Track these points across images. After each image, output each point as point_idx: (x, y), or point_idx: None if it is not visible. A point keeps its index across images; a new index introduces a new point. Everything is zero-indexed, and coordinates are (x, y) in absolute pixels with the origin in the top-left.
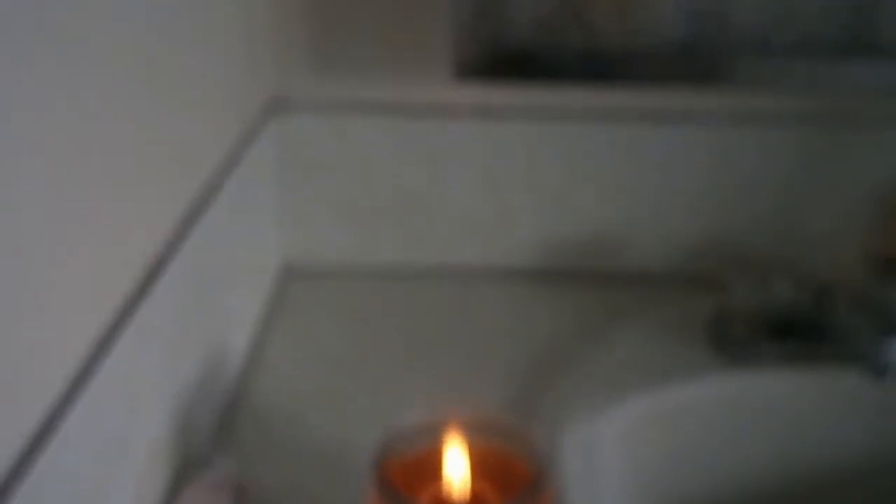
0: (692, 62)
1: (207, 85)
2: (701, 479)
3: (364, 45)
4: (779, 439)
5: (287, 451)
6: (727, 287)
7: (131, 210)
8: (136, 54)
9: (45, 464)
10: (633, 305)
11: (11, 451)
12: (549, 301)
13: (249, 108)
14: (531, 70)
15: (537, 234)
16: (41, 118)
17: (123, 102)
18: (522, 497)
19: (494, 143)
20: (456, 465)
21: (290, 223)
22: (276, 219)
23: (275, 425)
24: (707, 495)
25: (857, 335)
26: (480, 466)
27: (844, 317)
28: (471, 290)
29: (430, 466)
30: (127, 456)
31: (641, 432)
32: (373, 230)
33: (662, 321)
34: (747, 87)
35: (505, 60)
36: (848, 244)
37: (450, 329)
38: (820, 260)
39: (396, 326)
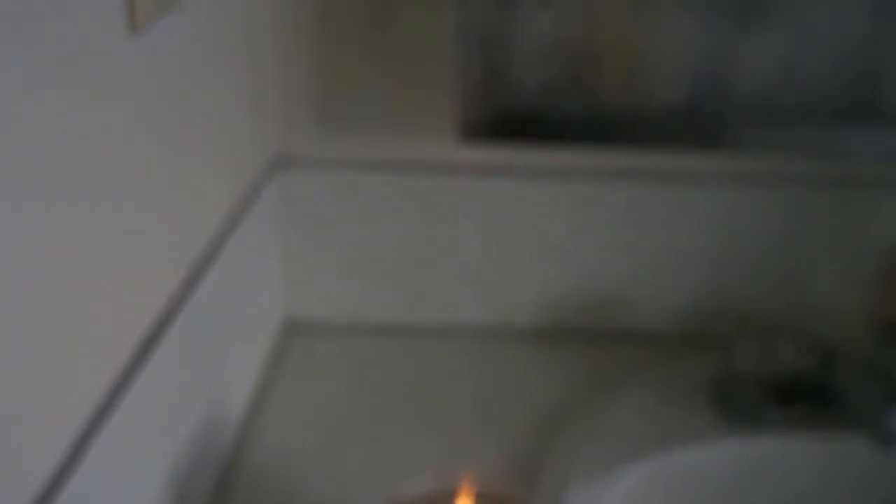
0: (695, 127)
1: (212, 142)
2: None
3: (370, 104)
4: None
5: None
6: (732, 349)
7: (134, 271)
8: (142, 112)
9: None
10: (637, 365)
11: None
12: (553, 360)
13: (254, 165)
14: (536, 132)
15: (541, 293)
16: (44, 176)
17: (127, 161)
18: None
19: (498, 201)
20: None
21: (293, 279)
22: (279, 274)
23: (272, 488)
24: None
25: (862, 402)
26: None
27: (850, 382)
28: (474, 348)
29: None
30: None
31: (645, 496)
32: (375, 287)
33: (667, 382)
34: (750, 152)
35: (510, 123)
36: (852, 306)
37: (452, 388)
38: (824, 322)
39: (398, 385)
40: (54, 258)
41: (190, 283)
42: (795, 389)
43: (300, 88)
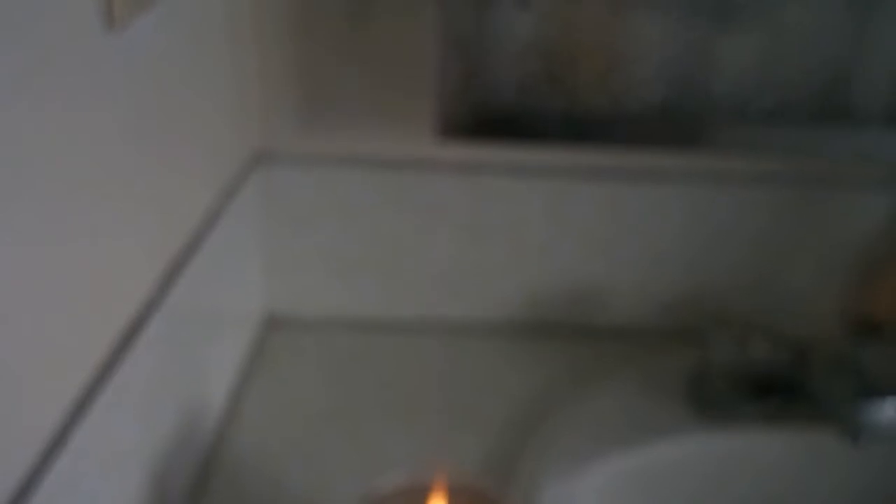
0: (671, 126)
1: (191, 139)
2: None
3: (350, 101)
4: (756, 499)
5: None
6: (707, 344)
7: (112, 268)
8: (120, 109)
9: None
10: (614, 361)
11: None
12: (530, 355)
13: (233, 162)
14: (514, 131)
15: (519, 289)
16: (18, 174)
17: (105, 158)
18: None
19: (477, 197)
20: None
21: (273, 275)
22: (260, 270)
23: (251, 482)
24: None
25: (833, 396)
26: None
27: (821, 377)
28: (452, 343)
29: None
30: None
31: (620, 490)
32: (355, 282)
33: (642, 377)
34: (726, 151)
35: (488, 121)
36: (824, 302)
37: (431, 383)
38: (797, 317)
39: (377, 380)
40: (29, 256)
41: (169, 280)
42: (770, 384)
43: (280, 85)
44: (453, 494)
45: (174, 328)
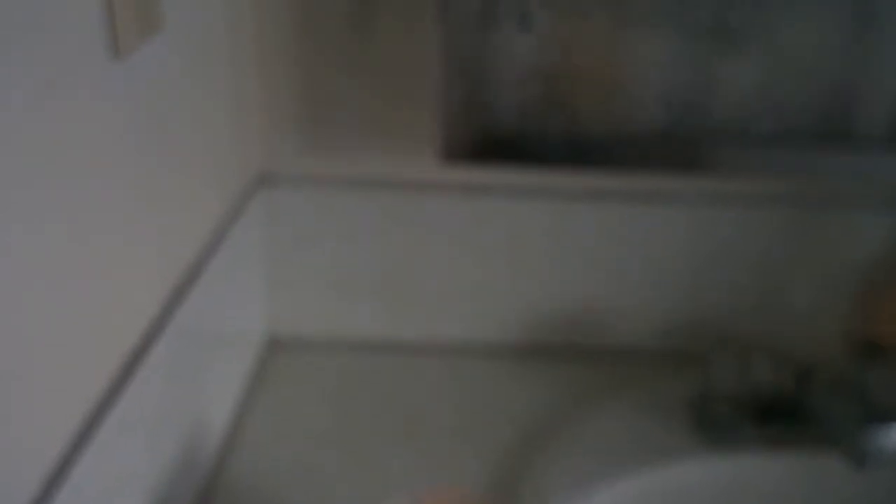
0: (673, 149)
1: (195, 161)
2: None
3: (352, 123)
4: None
5: None
6: (709, 368)
7: (118, 291)
8: (125, 134)
9: None
10: (616, 383)
11: None
12: (532, 377)
13: (237, 183)
14: (515, 154)
15: (520, 310)
16: (26, 198)
17: (111, 182)
18: None
19: (479, 219)
20: None
21: (276, 296)
22: (262, 291)
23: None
24: None
25: (837, 421)
26: None
27: (825, 401)
28: (454, 364)
29: None
30: None
31: None
32: (357, 304)
33: (644, 400)
34: (727, 173)
35: (490, 144)
36: (827, 324)
37: (433, 405)
38: (800, 339)
39: (379, 401)
40: (38, 279)
41: (174, 302)
42: (772, 408)
43: (283, 107)
44: None
45: (178, 351)
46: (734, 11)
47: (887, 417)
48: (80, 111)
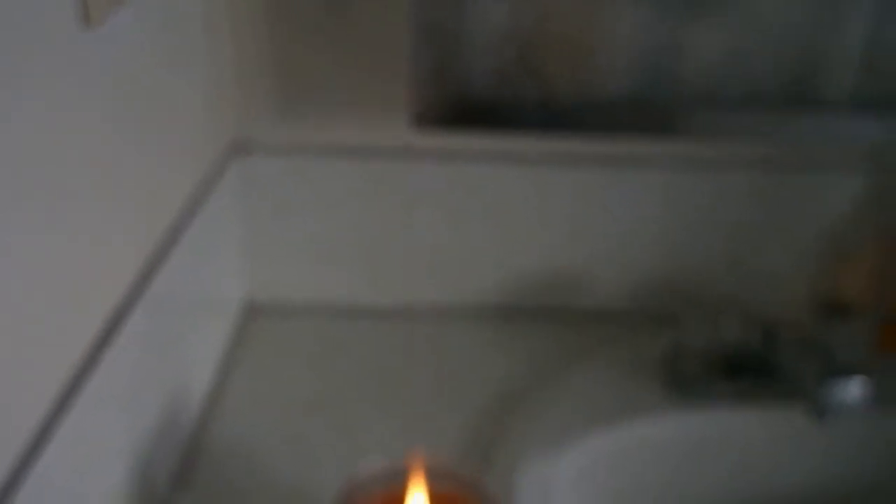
0: (644, 113)
1: (169, 129)
2: None
3: (327, 90)
4: (729, 475)
5: (248, 495)
6: (680, 326)
7: (93, 260)
8: (97, 103)
9: None
10: (592, 343)
11: None
12: (511, 340)
13: (212, 151)
14: (489, 119)
15: (497, 274)
16: None
17: (82, 152)
18: None
19: (454, 185)
20: None
21: (254, 262)
22: (240, 258)
23: (236, 468)
24: None
25: (801, 376)
26: None
27: (790, 357)
28: (434, 329)
29: None
30: None
31: (597, 471)
32: (336, 269)
33: (619, 359)
34: (698, 137)
35: (464, 111)
36: (796, 284)
37: (413, 369)
38: (770, 299)
39: (359, 366)
40: (9, 249)
41: (150, 270)
42: (740, 364)
43: (257, 75)
44: (433, 477)
45: (156, 319)
46: None
47: (848, 372)
48: (51, 82)
